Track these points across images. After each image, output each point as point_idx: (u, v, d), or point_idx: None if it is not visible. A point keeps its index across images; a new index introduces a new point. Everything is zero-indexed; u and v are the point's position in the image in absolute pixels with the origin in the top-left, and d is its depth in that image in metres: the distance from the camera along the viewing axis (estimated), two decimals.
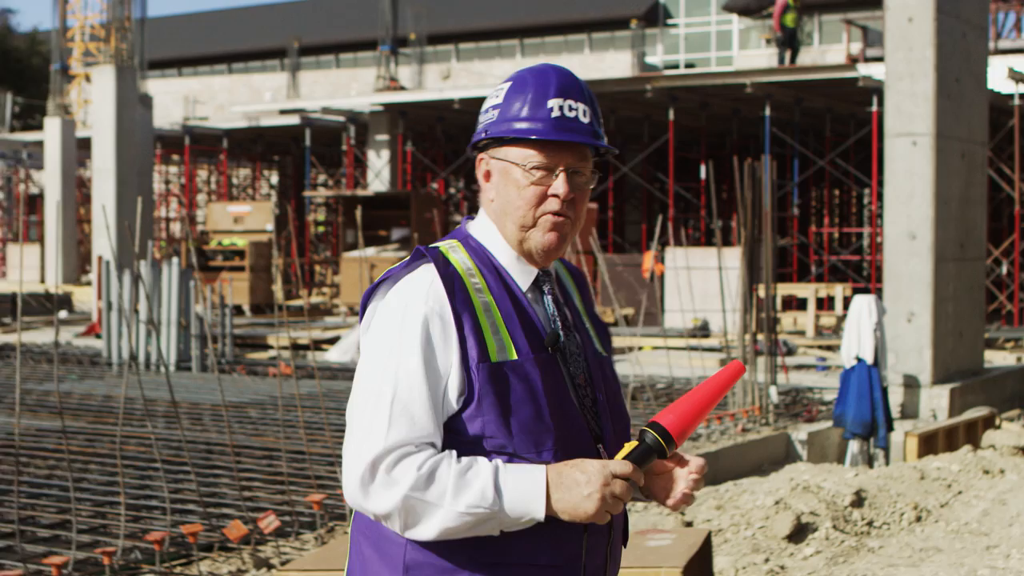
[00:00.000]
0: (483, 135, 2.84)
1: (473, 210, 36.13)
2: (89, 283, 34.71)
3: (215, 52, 65.04)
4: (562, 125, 2.77)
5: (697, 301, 17.40)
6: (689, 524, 9.14)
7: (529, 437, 2.69)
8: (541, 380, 2.71)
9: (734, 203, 21.24)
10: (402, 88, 40.65)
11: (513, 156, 2.79)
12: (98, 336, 22.64)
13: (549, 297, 2.84)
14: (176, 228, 45.97)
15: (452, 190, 39.28)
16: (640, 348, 18.10)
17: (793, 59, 29.40)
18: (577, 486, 2.62)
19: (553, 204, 2.76)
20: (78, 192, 40.84)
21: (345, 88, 51.72)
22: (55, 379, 9.41)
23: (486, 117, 2.85)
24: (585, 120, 2.80)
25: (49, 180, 38.49)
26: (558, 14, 56.03)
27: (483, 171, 2.87)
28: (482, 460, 2.66)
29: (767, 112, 27.60)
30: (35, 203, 45.72)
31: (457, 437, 2.71)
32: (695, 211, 35.19)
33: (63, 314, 29.00)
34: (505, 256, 2.83)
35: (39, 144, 41.51)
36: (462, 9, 56.99)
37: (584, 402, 2.79)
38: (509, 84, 2.85)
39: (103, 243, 26.80)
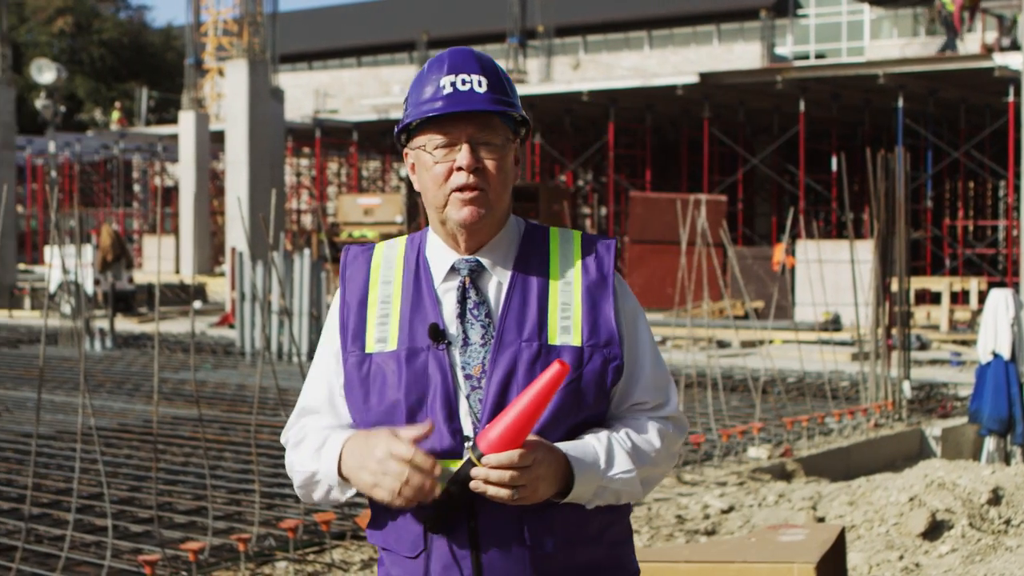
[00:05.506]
0: (396, 130, 2.91)
1: (603, 202, 36.13)
2: (222, 274, 35.24)
3: (345, 46, 65.68)
4: (455, 98, 2.77)
5: (828, 294, 17.21)
6: (821, 520, 9.05)
7: (383, 425, 2.73)
8: (407, 372, 2.74)
9: (866, 195, 20.98)
10: (519, 81, 40.69)
11: (420, 141, 2.82)
12: (231, 326, 22.99)
13: (457, 288, 2.81)
14: (307, 220, 46.48)
15: (580, 182, 39.26)
16: (770, 342, 17.95)
17: (951, 47, 28.97)
18: (361, 455, 2.68)
19: (459, 178, 2.77)
20: (211, 184, 41.49)
21: None
22: (191, 368, 9.56)
23: (402, 114, 2.90)
24: (481, 90, 2.78)
25: (183, 173, 39.16)
26: (687, 5, 55.73)
27: (409, 165, 2.92)
28: (332, 428, 2.83)
29: (900, 103, 27.19)
30: (170, 195, 46.54)
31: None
32: (826, 203, 34.80)
33: (197, 304, 29.48)
34: (432, 247, 2.87)
35: (174, 137, 42.25)
36: (590, 1, 56.90)
37: (473, 396, 2.74)
38: (414, 78, 2.91)
39: (237, 235, 27.20)
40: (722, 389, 13.39)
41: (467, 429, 2.72)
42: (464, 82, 2.78)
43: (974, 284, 25.53)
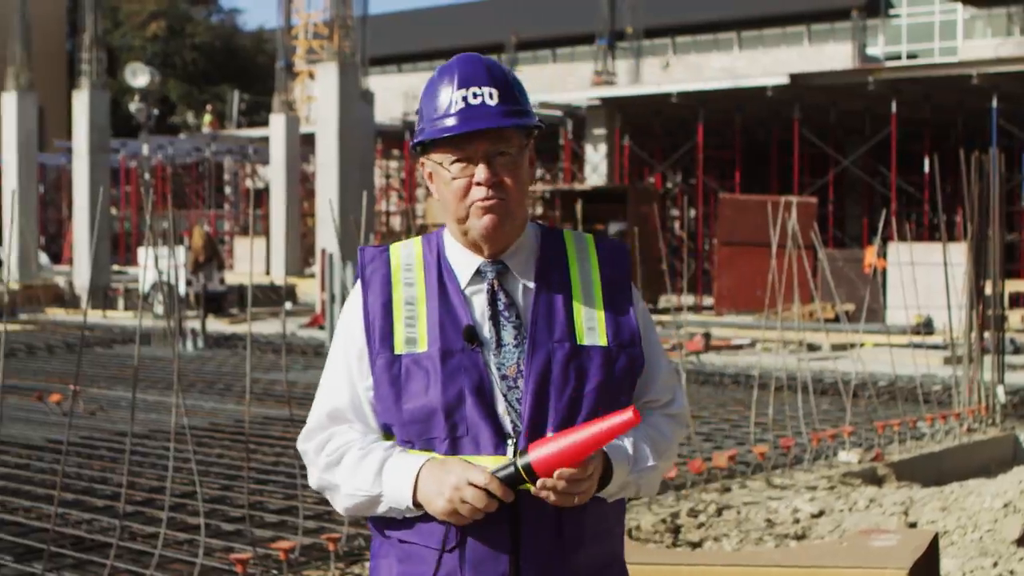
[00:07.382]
0: (413, 143, 2.92)
1: (692, 204, 35.99)
2: (312, 275, 35.50)
3: (434, 48, 65.85)
4: (467, 114, 2.78)
5: (921, 297, 16.99)
6: (913, 525, 8.96)
7: (419, 427, 2.77)
8: (443, 372, 2.76)
9: (959, 197, 20.75)
10: (608, 83, 40.63)
11: (436, 157, 2.84)
12: (321, 327, 23.14)
13: (486, 291, 2.84)
14: (396, 221, 46.71)
15: (669, 184, 39.12)
16: (861, 345, 17.78)
17: None
18: (438, 482, 2.68)
19: (479, 192, 2.78)
20: (301, 186, 41.81)
21: (562, 82, 51.92)
22: (283, 368, 9.64)
23: (417, 122, 2.93)
24: (493, 103, 2.79)
25: (274, 175, 39.49)
26: (777, 5, 55.32)
27: (426, 174, 2.92)
28: (379, 446, 2.83)
29: (994, 103, 26.84)
30: (261, 197, 46.97)
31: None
32: (918, 205, 34.44)
33: (288, 305, 29.71)
34: (452, 250, 2.89)
35: (264, 140, 42.64)
36: (679, 2, 56.67)
37: (510, 395, 2.78)
38: (424, 88, 2.91)
39: (327, 236, 27.37)
40: (812, 392, 13.28)
41: (506, 427, 2.76)
42: (475, 95, 2.80)
43: None
